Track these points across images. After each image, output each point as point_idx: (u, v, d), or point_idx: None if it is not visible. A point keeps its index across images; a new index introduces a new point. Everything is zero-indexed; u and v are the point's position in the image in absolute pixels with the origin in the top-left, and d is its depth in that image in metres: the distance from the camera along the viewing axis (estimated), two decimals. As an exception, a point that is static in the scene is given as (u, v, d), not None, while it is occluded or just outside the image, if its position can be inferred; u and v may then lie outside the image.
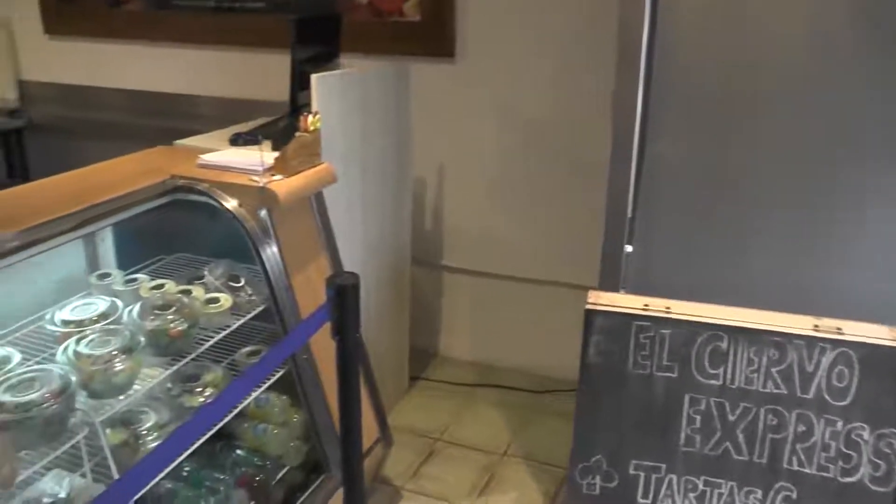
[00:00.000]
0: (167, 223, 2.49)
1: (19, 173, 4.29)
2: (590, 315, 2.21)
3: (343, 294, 1.81)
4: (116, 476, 1.85)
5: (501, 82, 3.35)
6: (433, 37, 3.40)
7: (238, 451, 2.35)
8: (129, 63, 4.19)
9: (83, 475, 1.90)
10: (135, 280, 2.37)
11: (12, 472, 1.61)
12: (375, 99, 2.92)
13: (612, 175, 2.29)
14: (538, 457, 3.06)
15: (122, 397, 1.92)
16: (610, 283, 2.34)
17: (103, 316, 2.07)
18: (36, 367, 1.84)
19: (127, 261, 2.54)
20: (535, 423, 3.30)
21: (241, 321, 2.27)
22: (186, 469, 2.25)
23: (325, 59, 2.97)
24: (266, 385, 2.28)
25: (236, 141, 2.74)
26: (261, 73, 3.76)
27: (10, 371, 1.81)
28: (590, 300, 2.22)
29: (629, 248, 2.33)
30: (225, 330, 2.22)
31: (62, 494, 1.84)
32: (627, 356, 2.19)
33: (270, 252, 2.23)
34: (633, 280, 2.34)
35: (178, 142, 2.80)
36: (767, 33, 2.08)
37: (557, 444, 3.09)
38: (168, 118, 3.99)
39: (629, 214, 2.31)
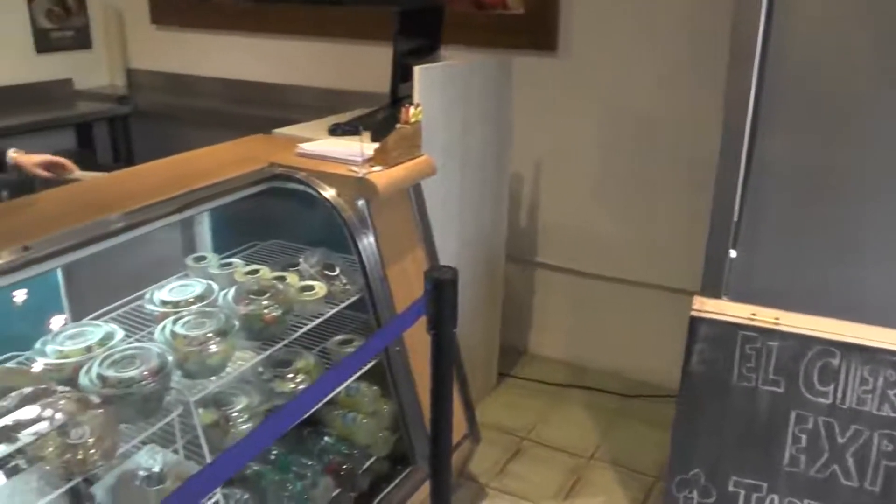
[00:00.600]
0: (263, 210, 2.52)
1: (124, 158, 4.41)
2: (694, 322, 2.12)
3: (441, 288, 1.78)
4: (207, 454, 1.87)
5: (605, 77, 3.27)
6: (536, 30, 3.34)
7: (326, 439, 2.35)
8: (230, 53, 4.27)
9: (175, 451, 1.93)
10: (230, 264, 2.40)
11: (113, 445, 1.64)
12: (477, 92, 2.88)
13: (719, 176, 2.20)
14: (626, 462, 2.98)
15: (214, 379, 1.93)
16: (712, 288, 2.25)
17: (199, 298, 2.09)
18: (136, 344, 1.87)
19: (222, 245, 2.58)
20: (624, 427, 3.22)
21: (335, 310, 2.27)
22: (274, 453, 2.27)
23: (427, 51, 2.95)
24: (357, 375, 2.27)
25: (335, 131, 2.74)
26: (357, 64, 3.77)
27: (113, 347, 1.85)
28: (695, 307, 2.14)
29: (734, 253, 2.24)
30: (319, 318, 2.22)
31: (156, 469, 1.86)
32: (732, 367, 2.10)
33: (367, 242, 2.23)
34: (735, 286, 2.25)
35: (276, 131, 2.82)
36: (886, 32, 1.96)
37: (646, 451, 3.02)
38: (265, 107, 4.05)
39: (735, 217, 2.21)
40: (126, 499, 1.81)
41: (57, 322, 2.05)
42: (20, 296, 1.98)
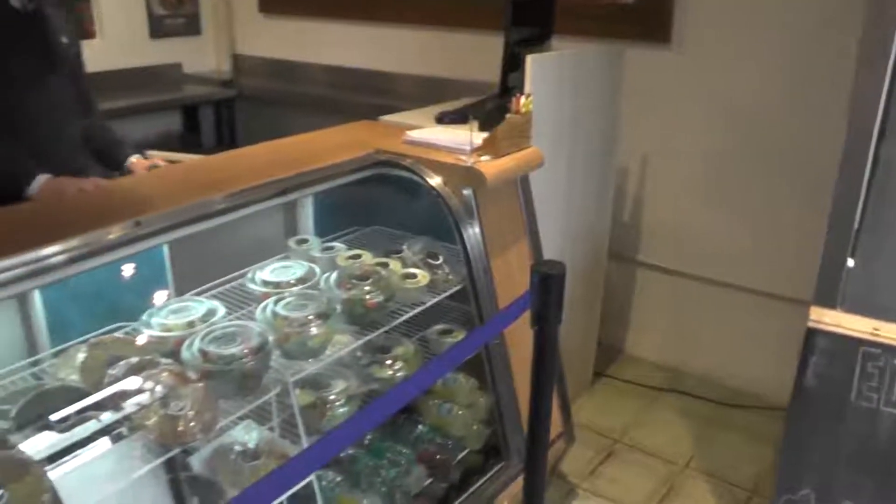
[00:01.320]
0: (365, 196, 2.51)
1: (227, 140, 4.50)
2: (811, 334, 2.01)
3: (548, 283, 1.73)
4: (303, 435, 1.87)
5: (721, 72, 3.14)
6: (649, 20, 3.24)
7: (421, 427, 2.33)
8: (335, 40, 4.30)
9: (271, 429, 1.94)
10: (331, 248, 2.40)
11: (213, 419, 1.65)
12: (587, 83, 2.81)
13: (840, 181, 2.07)
14: (721, 474, 2.87)
15: (313, 361, 1.93)
16: (826, 299, 2.12)
17: (301, 280, 2.10)
18: (237, 322, 1.88)
19: (324, 229, 2.58)
20: (721, 437, 3.11)
21: (437, 299, 2.24)
22: (369, 438, 2.26)
23: (538, 41, 2.88)
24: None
25: (442, 119, 2.71)
26: (461, 53, 3.73)
27: (214, 323, 1.86)
28: (812, 318, 2.02)
29: (851, 263, 2.11)
30: (420, 306, 2.19)
31: (251, 445, 1.88)
32: (850, 385, 1.97)
33: (472, 232, 2.19)
34: (852, 298, 2.11)
35: (382, 118, 2.81)
36: None
37: (743, 464, 2.91)
38: (368, 94, 4.07)
39: (855, 225, 2.08)
40: (221, 471, 1.82)
41: (161, 296, 2.08)
42: (129, 269, 2.01)
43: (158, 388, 1.62)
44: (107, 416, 1.57)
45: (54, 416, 1.55)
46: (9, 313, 1.90)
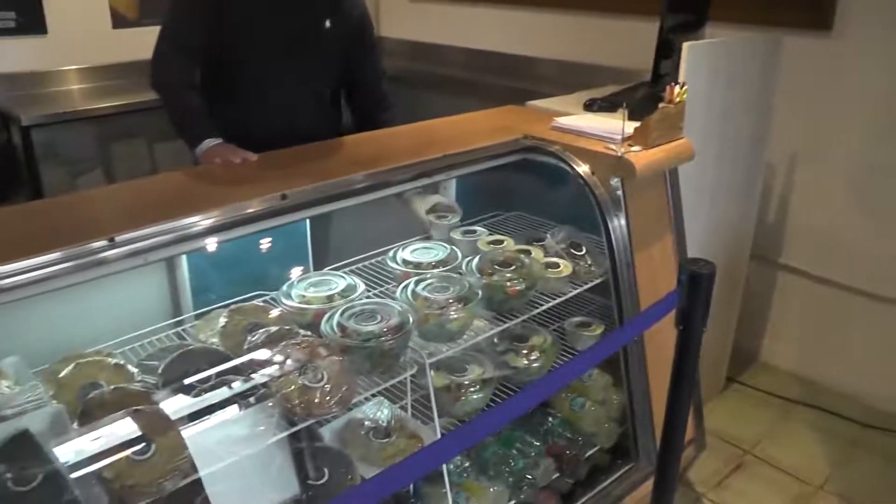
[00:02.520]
0: (509, 180, 2.46)
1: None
2: None
3: (697, 282, 1.67)
4: (436, 417, 1.84)
5: (887, 64, 2.90)
6: (810, 5, 3.02)
7: (551, 420, 2.26)
8: (479, 24, 4.24)
9: (403, 408, 1.92)
10: (473, 232, 2.35)
11: (349, 393, 1.64)
12: (741, 73, 2.66)
13: None
14: (859, 501, 2.68)
15: (451, 344, 1.89)
16: None
17: (442, 262, 2.07)
18: (378, 300, 1.87)
19: (465, 212, 2.53)
20: (859, 459, 2.90)
21: (578, 291, 2.17)
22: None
23: (692, 27, 2.75)
24: (593, 361, 2.18)
25: (591, 106, 2.62)
26: (604, 38, 3.60)
27: (354, 299, 1.85)
28: None
29: None
30: (560, 297, 2.12)
31: (382, 422, 1.87)
32: None
33: (618, 224, 2.11)
34: None
35: (529, 103, 2.74)
36: None
37: (884, 492, 2.71)
38: (510, 78, 3.99)
39: None
40: (351, 444, 1.82)
41: (301, 269, 2.08)
42: (271, 241, 2.02)
43: (298, 358, 1.62)
44: (245, 381, 1.58)
45: (196, 377, 1.57)
46: (157, 276, 1.95)
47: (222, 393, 1.54)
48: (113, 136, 4.04)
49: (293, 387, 1.58)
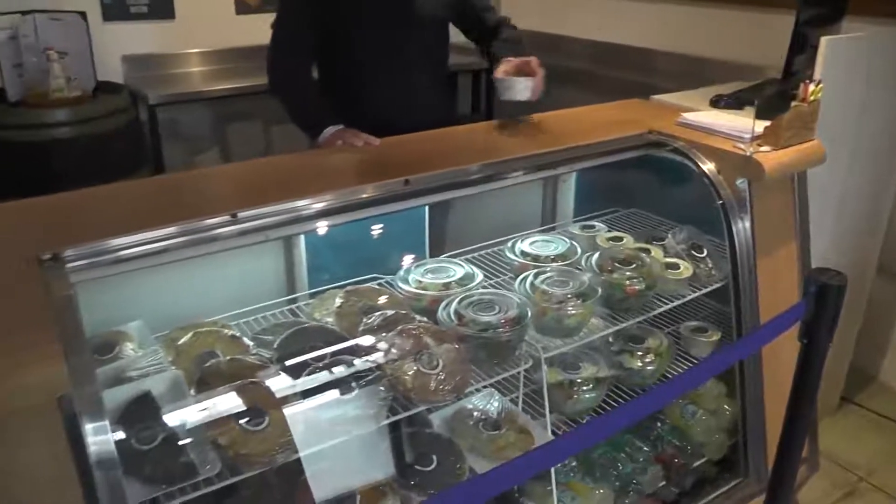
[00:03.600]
0: (629, 176, 2.38)
1: (484, 110, 4.47)
2: None
3: (825, 294, 1.56)
4: (548, 414, 1.79)
5: None
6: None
7: (661, 426, 2.17)
8: (598, 14, 4.13)
9: (514, 401, 1.87)
10: (592, 227, 2.28)
11: (464, 383, 1.61)
12: (880, 71, 2.50)
13: None
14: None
15: (568, 340, 1.83)
16: None
17: (561, 256, 2.01)
18: (497, 290, 1.82)
19: (582, 206, 2.47)
20: (985, 496, 2.72)
21: (696, 294, 2.08)
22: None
23: (829, 21, 2.60)
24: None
25: (718, 103, 2.51)
26: (729, 32, 3.43)
27: (472, 288, 1.81)
28: None
29: None
30: (679, 299, 2.04)
31: (492, 413, 1.82)
32: None
33: (742, 227, 2.01)
34: None
35: (654, 97, 2.65)
36: None
37: None
38: (628, 71, 3.87)
39: None
40: (460, 434, 1.79)
41: (417, 255, 2.06)
42: (390, 225, 2.01)
43: (413, 344, 1.59)
44: (360, 363, 1.57)
45: (311, 354, 1.57)
46: (275, 253, 1.96)
47: (336, 372, 1.53)
48: (231, 117, 4.14)
49: (408, 372, 1.55)
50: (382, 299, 1.78)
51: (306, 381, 1.50)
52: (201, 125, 4.04)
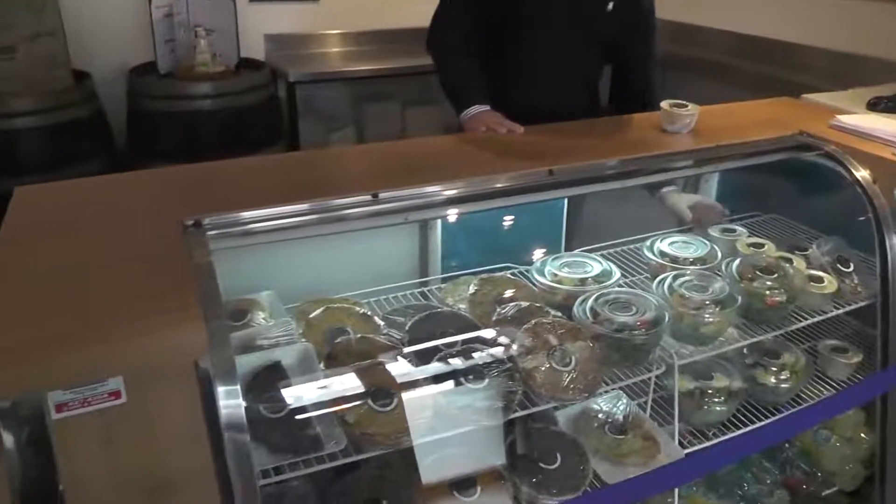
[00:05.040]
0: (771, 179, 2.23)
1: (614, 101, 4.33)
2: None
3: None
4: (677, 422, 1.70)
5: None
6: None
7: (790, 448, 2.02)
8: (738, 4, 3.90)
9: (641, 406, 1.78)
10: (731, 231, 2.15)
11: (595, 383, 1.53)
12: None
13: None
14: None
15: (701, 348, 1.73)
16: None
17: (700, 260, 1.89)
18: (634, 291, 1.73)
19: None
20: None
21: (840, 311, 1.92)
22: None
23: None
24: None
25: (877, 105, 2.32)
26: (887, 26, 3.14)
27: (609, 286, 1.73)
28: None
29: None
30: (820, 315, 1.88)
31: (619, 416, 1.73)
32: None
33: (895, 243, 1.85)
34: None
35: (805, 96, 2.48)
36: None
37: None
38: (773, 66, 3.58)
39: None
40: (585, 434, 1.71)
41: (552, 247, 1.98)
42: (528, 215, 1.94)
43: (547, 339, 1.52)
44: (492, 353, 1.51)
45: (443, 340, 1.52)
46: (409, 235, 1.93)
47: (468, 360, 1.47)
48: (367, 98, 4.15)
49: (540, 367, 1.48)
50: (517, 290, 1.72)
51: (437, 367, 1.46)
52: (337, 104, 4.07)
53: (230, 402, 1.17)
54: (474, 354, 1.49)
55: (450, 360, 1.47)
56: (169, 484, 1.19)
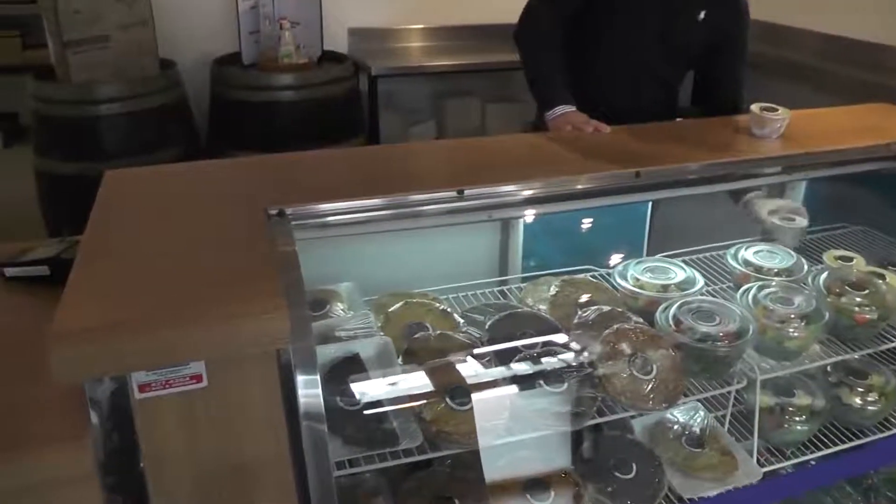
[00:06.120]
0: (863, 190, 2.13)
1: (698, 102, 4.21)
2: None
3: None
4: (755, 439, 1.62)
5: None
6: None
7: (875, 475, 1.92)
8: (829, 5, 3.71)
9: (719, 420, 1.71)
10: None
11: (676, 394, 1.48)
12: None
13: None
14: None
15: (785, 363, 1.65)
16: None
17: (786, 271, 1.81)
18: (718, 300, 1.66)
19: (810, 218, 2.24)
20: None
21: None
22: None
23: None
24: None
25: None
26: None
27: (692, 294, 1.67)
28: None
29: None
30: (914, 336, 1.79)
31: (695, 429, 1.67)
32: None
33: None
34: None
35: (904, 101, 2.35)
36: None
37: None
38: (862, 69, 3.38)
39: None
40: (660, 445, 1.65)
41: (633, 251, 1.93)
42: (610, 217, 1.90)
43: (629, 346, 1.47)
44: (573, 357, 1.47)
45: (523, 341, 1.49)
46: (492, 233, 1.91)
47: (548, 363, 1.44)
48: (448, 93, 4.14)
49: (621, 374, 1.44)
50: (598, 293, 1.67)
51: (516, 368, 1.42)
52: (418, 99, 4.08)
53: (310, 391, 1.16)
54: (554, 357, 1.45)
55: (529, 362, 1.44)
56: (245, 468, 1.20)
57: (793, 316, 1.63)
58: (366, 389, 1.40)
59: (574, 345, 1.49)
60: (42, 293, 1.40)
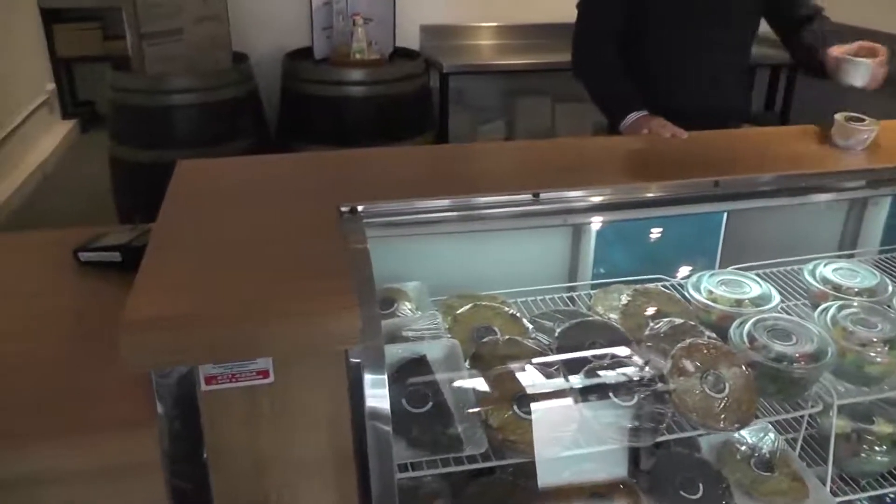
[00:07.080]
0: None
1: (779, 107, 4.10)
2: None
3: None
4: (830, 467, 1.54)
5: None
6: None
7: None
8: None
9: (790, 443, 1.65)
10: (896, 262, 1.96)
11: (749, 415, 1.41)
12: None
13: None
14: None
15: (864, 389, 1.57)
16: None
17: (868, 291, 1.71)
18: (793, 318, 1.59)
19: (892, 235, 2.13)
20: None
21: None
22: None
23: None
24: None
25: None
26: None
27: (768, 310, 1.60)
28: None
29: None
30: None
31: (765, 452, 1.60)
32: None
33: None
34: None
35: None
36: None
37: None
38: None
39: None
40: (728, 466, 1.59)
41: (706, 263, 1.87)
42: (686, 225, 1.84)
43: (702, 362, 1.42)
44: (645, 370, 1.42)
45: (594, 351, 1.45)
46: (563, 238, 1.87)
47: (618, 375, 1.39)
48: (518, 92, 4.10)
49: (693, 390, 1.38)
50: (671, 305, 1.62)
51: (585, 379, 1.38)
52: (488, 97, 4.05)
53: (376, 391, 1.14)
54: (625, 370, 1.40)
55: (599, 373, 1.39)
56: (307, 466, 1.19)
57: (875, 340, 1.54)
58: (432, 392, 1.37)
59: (645, 357, 1.43)
60: (114, 279, 1.41)
